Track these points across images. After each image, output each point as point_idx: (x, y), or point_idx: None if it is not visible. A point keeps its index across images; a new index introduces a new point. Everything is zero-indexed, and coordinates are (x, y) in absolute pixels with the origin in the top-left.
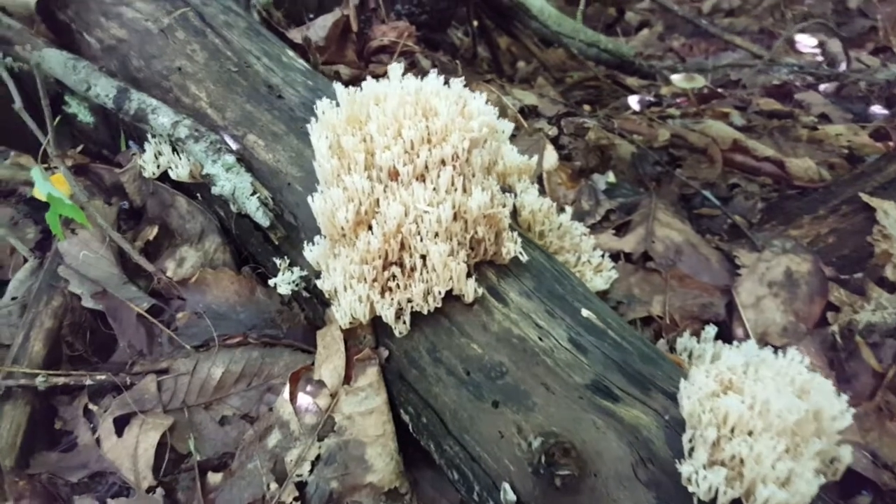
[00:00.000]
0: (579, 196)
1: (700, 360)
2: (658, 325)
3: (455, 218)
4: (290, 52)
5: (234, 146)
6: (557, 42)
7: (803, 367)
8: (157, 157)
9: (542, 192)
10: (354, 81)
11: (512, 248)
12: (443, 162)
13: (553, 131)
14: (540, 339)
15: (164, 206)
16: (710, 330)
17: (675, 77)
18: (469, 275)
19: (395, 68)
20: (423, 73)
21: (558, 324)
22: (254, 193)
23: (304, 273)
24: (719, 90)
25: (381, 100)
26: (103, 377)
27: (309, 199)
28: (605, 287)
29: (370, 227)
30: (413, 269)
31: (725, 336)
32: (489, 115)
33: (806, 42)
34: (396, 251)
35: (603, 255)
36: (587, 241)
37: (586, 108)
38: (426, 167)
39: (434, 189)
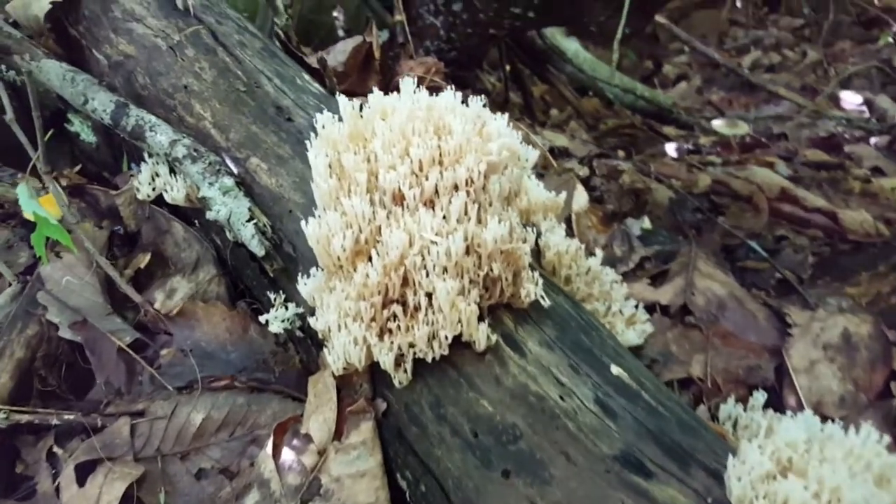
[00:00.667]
0: (611, 241)
1: (747, 431)
2: (698, 389)
3: (467, 252)
4: (306, 76)
5: (234, 169)
6: (592, 89)
7: (882, 449)
8: (153, 179)
9: (569, 234)
10: None
11: (532, 290)
12: (455, 187)
13: (584, 172)
14: (561, 398)
15: (159, 231)
16: (759, 396)
17: (716, 123)
18: (481, 318)
19: (408, 82)
20: None
21: (584, 381)
22: (251, 220)
23: (300, 310)
24: (763, 140)
25: (388, 114)
26: (72, 417)
27: (303, 223)
28: (638, 342)
29: (370, 258)
30: (417, 308)
31: (775, 404)
32: (510, 138)
33: (851, 99)
34: (398, 287)
35: (637, 306)
36: (619, 290)
37: (620, 153)
38: (436, 191)
39: (444, 217)
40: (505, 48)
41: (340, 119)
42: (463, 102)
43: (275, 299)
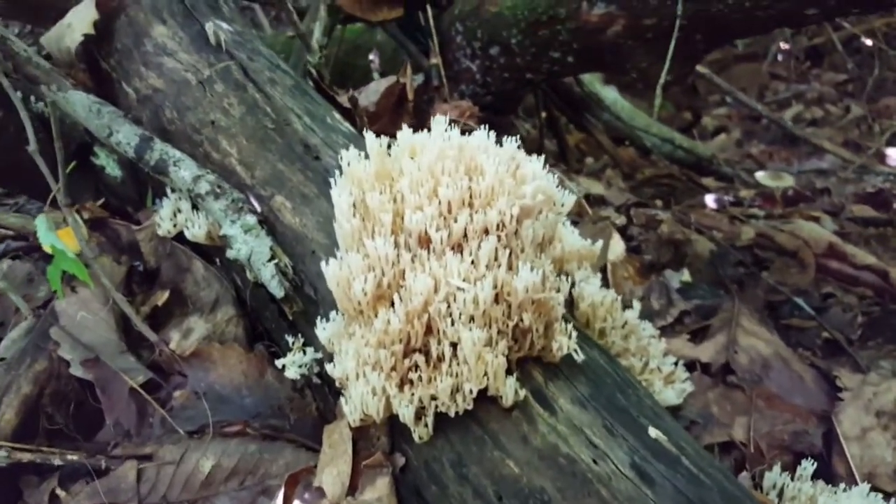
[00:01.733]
0: (648, 293)
1: (794, 503)
2: (740, 454)
3: (496, 300)
4: (337, 115)
5: (258, 207)
6: (629, 138)
7: None
8: (175, 215)
9: (605, 284)
10: None
11: (565, 343)
12: (485, 231)
13: (621, 220)
14: (594, 461)
15: (179, 269)
16: (808, 465)
17: (760, 175)
18: (509, 372)
19: (440, 120)
20: None
21: (619, 444)
22: (272, 259)
23: (319, 355)
24: (807, 194)
25: (417, 153)
26: (76, 458)
27: (323, 265)
28: (677, 402)
29: (392, 304)
30: (440, 359)
31: (823, 473)
32: (546, 181)
33: None
34: (421, 335)
35: (676, 364)
36: (657, 345)
37: (658, 203)
38: (465, 235)
39: (472, 262)
40: (541, 94)
41: (367, 157)
42: (497, 143)
43: (293, 343)
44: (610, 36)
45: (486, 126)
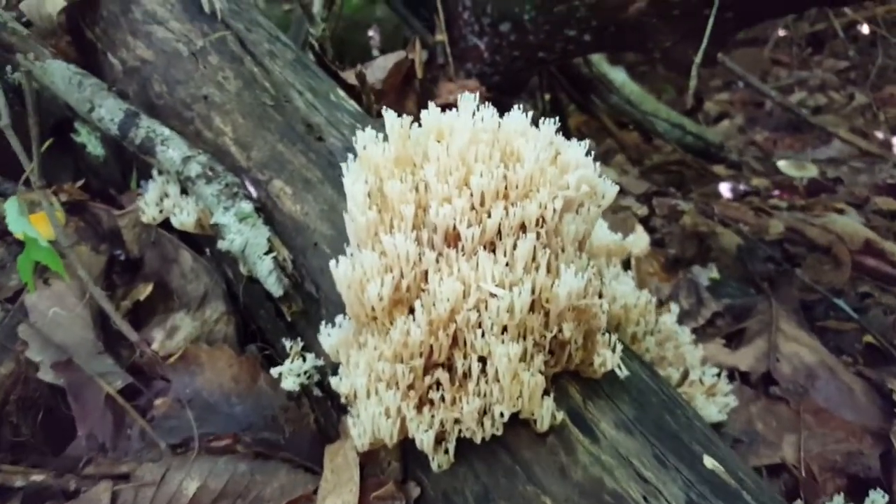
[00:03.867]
0: (676, 292)
1: None
2: (791, 478)
3: (532, 308)
4: (341, 92)
5: (254, 192)
6: (635, 122)
7: None
8: (161, 200)
9: None
10: None
11: (608, 357)
12: (523, 227)
13: (642, 211)
14: (645, 499)
15: (165, 260)
16: (878, 498)
17: (782, 163)
18: (546, 391)
19: (468, 98)
20: None
21: (672, 477)
22: (269, 252)
23: (320, 362)
24: (828, 184)
25: (445, 135)
26: (41, 478)
27: (332, 263)
28: (720, 418)
29: (412, 311)
30: (466, 375)
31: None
32: (589, 170)
33: None
34: (446, 348)
35: (719, 374)
36: (694, 353)
37: (674, 191)
38: (498, 232)
39: (507, 264)
40: (546, 75)
41: (386, 139)
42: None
43: (291, 347)
44: (633, 13)
45: (494, 106)
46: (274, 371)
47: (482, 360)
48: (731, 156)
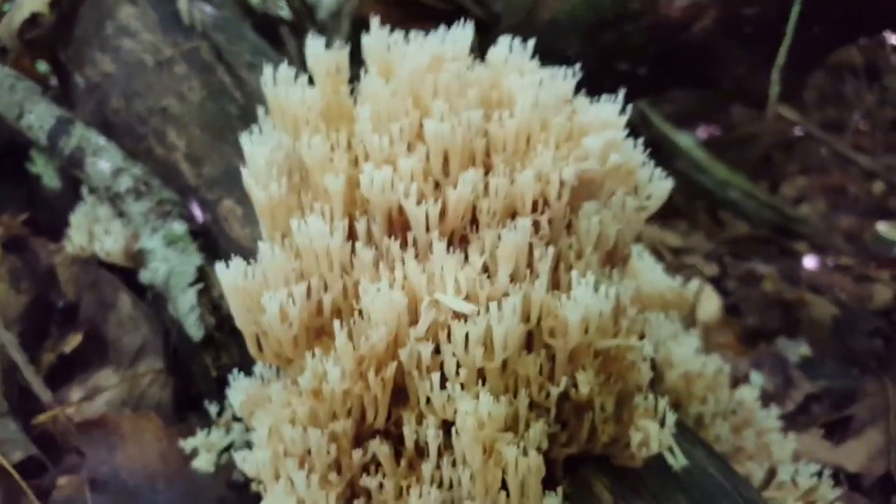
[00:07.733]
0: (756, 368)
1: None
2: None
3: (529, 342)
4: None
5: (199, 214)
6: (704, 191)
7: None
8: (92, 225)
9: None
10: None
11: (653, 433)
12: (511, 212)
13: (711, 270)
14: None
15: (102, 304)
16: None
17: (882, 227)
18: (552, 482)
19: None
20: None
21: None
22: (196, 283)
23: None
24: None
25: (394, 67)
26: None
27: (219, 267)
28: None
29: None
30: (420, 452)
31: None
32: (620, 134)
33: None
34: (384, 404)
35: (819, 475)
36: (784, 444)
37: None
38: (472, 218)
39: (486, 268)
40: None
41: (311, 82)
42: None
43: (217, 413)
44: (696, 33)
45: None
46: (184, 444)
47: (446, 425)
48: (817, 233)
